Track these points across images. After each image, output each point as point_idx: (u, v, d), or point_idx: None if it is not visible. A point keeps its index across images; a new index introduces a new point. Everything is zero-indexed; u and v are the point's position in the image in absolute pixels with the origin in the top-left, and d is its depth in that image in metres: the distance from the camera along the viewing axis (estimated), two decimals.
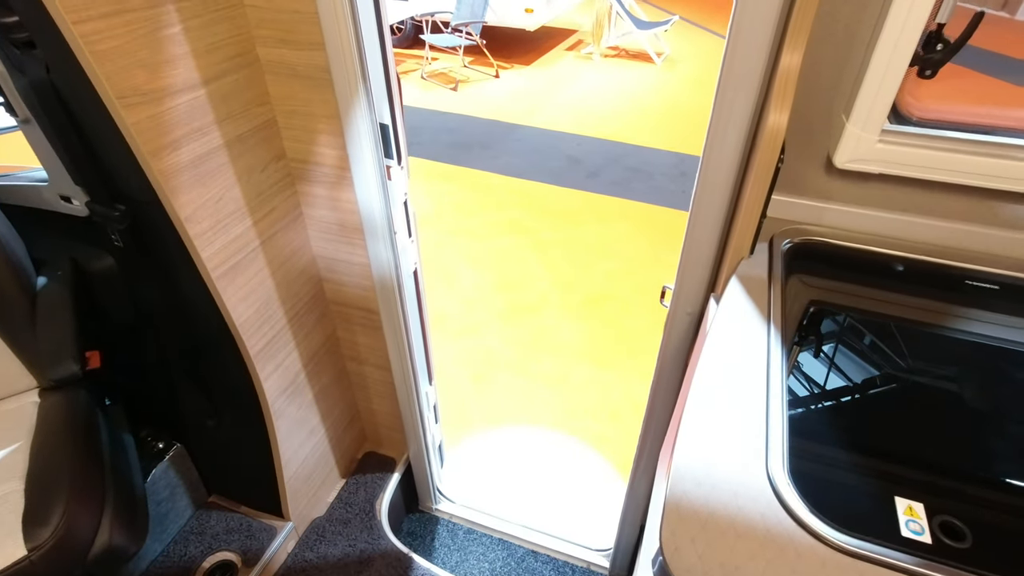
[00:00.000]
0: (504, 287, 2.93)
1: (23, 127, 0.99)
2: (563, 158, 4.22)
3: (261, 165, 1.12)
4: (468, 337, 2.61)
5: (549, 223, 3.46)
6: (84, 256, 1.22)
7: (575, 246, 3.24)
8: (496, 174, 4.01)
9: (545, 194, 3.77)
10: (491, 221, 3.49)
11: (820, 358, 0.81)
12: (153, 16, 0.85)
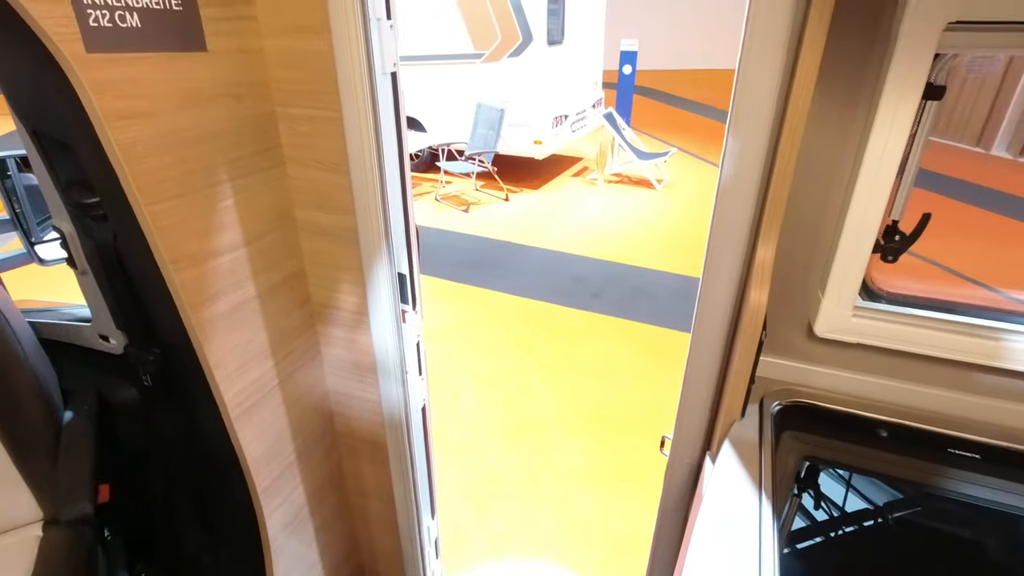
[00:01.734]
0: (506, 406, 2.94)
1: (80, 277, 1.10)
2: (568, 278, 4.39)
3: (287, 311, 1.21)
4: (469, 456, 2.58)
5: (553, 342, 3.54)
6: (109, 387, 1.29)
7: (578, 365, 3.29)
8: (503, 293, 4.16)
9: (550, 313, 3.88)
10: (496, 339, 3.57)
11: (808, 518, 0.83)
12: (212, 194, 0.98)
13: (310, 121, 1.07)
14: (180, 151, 0.91)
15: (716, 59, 14.37)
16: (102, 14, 0.77)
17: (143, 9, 0.82)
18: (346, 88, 1.00)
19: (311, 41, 0.99)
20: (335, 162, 1.09)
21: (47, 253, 1.49)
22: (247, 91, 1.02)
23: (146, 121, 0.85)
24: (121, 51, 0.80)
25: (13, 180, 1.42)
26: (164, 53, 0.86)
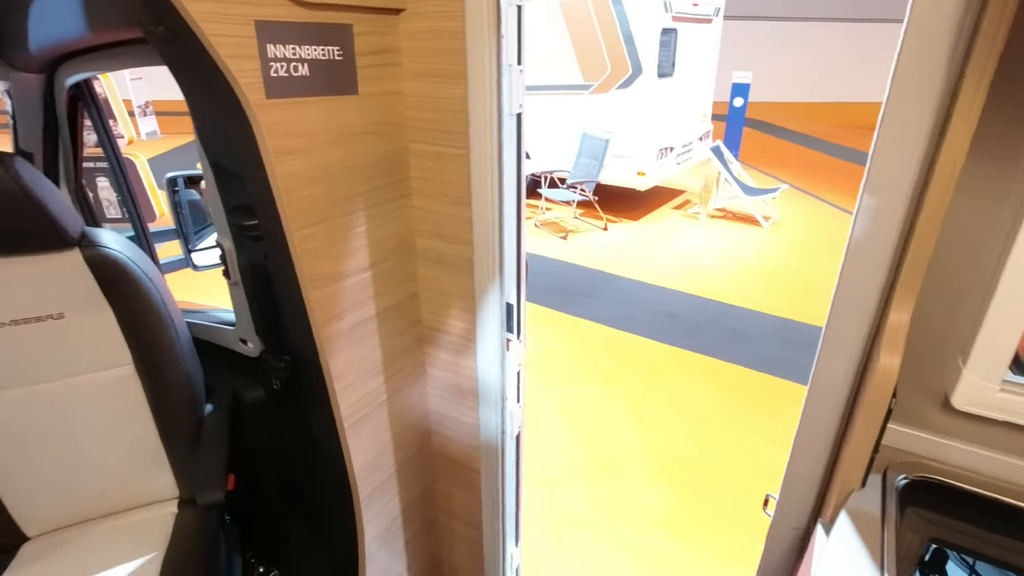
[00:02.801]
0: (589, 438, 2.90)
1: (231, 287, 1.24)
2: (661, 312, 4.28)
3: (400, 331, 1.29)
4: (548, 486, 2.57)
5: (641, 377, 3.46)
6: (241, 387, 1.43)
7: (665, 403, 3.19)
8: (594, 323, 4.13)
9: (640, 347, 3.80)
10: (584, 369, 3.54)
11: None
12: (347, 221, 1.08)
13: (439, 157, 1.15)
14: (327, 182, 1.02)
15: (832, 92, 13.57)
16: (280, 66, 0.88)
17: (312, 60, 0.93)
18: (476, 128, 1.07)
19: (447, 86, 1.07)
20: (458, 195, 1.15)
21: (200, 260, 1.69)
22: (386, 129, 1.12)
23: (303, 156, 0.96)
24: (291, 96, 0.91)
25: (180, 195, 1.64)
26: (324, 97, 0.97)
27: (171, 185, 1.61)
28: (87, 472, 1.31)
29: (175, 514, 1.34)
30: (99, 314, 1.23)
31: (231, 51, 0.82)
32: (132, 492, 1.36)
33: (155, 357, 1.27)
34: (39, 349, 1.22)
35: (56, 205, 1.12)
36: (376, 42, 1.04)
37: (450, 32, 1.02)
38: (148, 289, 1.24)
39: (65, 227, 1.14)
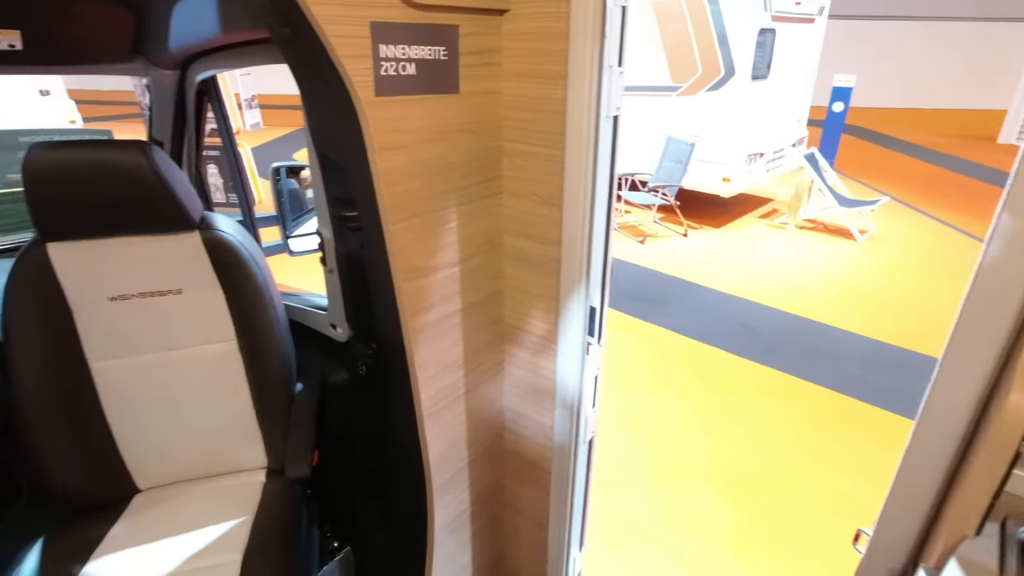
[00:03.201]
0: (654, 447, 2.83)
1: (327, 273, 1.30)
2: (738, 325, 4.11)
3: (482, 327, 1.31)
4: (609, 491, 2.53)
5: (714, 390, 3.33)
6: (329, 369, 1.50)
7: (738, 419, 3.05)
8: (669, 331, 4.03)
9: (715, 359, 3.67)
10: (655, 377, 3.46)
11: None
12: (439, 217, 1.10)
13: (532, 157, 1.15)
14: (425, 178, 1.05)
15: (945, 98, 12.45)
16: (390, 65, 0.92)
17: (419, 60, 0.96)
18: (572, 130, 1.06)
19: (546, 86, 1.07)
20: (549, 196, 1.15)
21: (296, 246, 1.79)
22: (482, 128, 1.14)
23: (404, 152, 0.99)
24: (398, 94, 0.94)
25: (282, 184, 1.74)
26: (427, 95, 1.00)
27: (275, 174, 1.71)
28: (190, 436, 1.43)
29: (263, 483, 1.43)
30: (211, 292, 1.34)
31: (347, 51, 0.86)
32: (227, 458, 1.47)
33: (256, 335, 1.37)
34: (160, 321, 1.34)
35: (183, 190, 1.22)
36: (479, 42, 1.06)
37: (553, 33, 1.02)
38: (255, 272, 1.33)
39: (189, 211, 1.25)
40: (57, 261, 1.24)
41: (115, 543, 1.26)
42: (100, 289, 1.29)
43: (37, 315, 1.24)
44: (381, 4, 0.88)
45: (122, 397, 1.36)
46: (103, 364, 1.33)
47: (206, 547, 1.26)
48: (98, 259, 1.28)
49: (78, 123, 7.46)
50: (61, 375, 1.28)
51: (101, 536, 1.28)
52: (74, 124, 7.35)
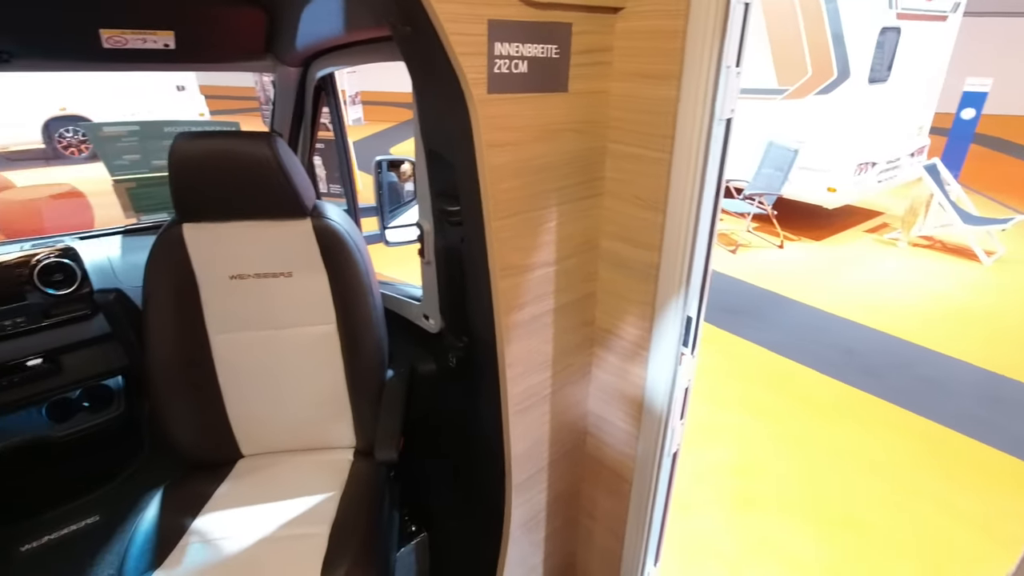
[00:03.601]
0: (736, 470, 2.70)
1: (424, 265, 1.34)
2: (836, 346, 3.83)
3: (573, 328, 1.30)
4: (685, 512, 2.44)
5: (803, 413, 3.12)
6: (417, 358, 1.55)
7: (829, 448, 2.84)
8: (757, 346, 3.83)
9: (806, 380, 3.44)
10: (739, 394, 3.30)
11: None
12: (537, 216, 1.10)
13: (637, 159, 1.12)
14: (527, 176, 1.05)
15: None
16: (503, 63, 0.92)
17: (532, 58, 0.96)
18: (682, 132, 1.03)
19: (657, 87, 1.04)
20: (653, 200, 1.12)
21: (392, 237, 1.86)
22: (587, 127, 1.12)
23: (510, 149, 1.00)
24: (509, 92, 0.95)
25: (383, 177, 1.81)
26: (536, 94, 1.00)
27: (377, 167, 1.79)
28: (289, 410, 1.52)
29: (351, 461, 1.50)
30: (317, 277, 1.42)
31: (465, 48, 0.87)
32: (319, 435, 1.55)
33: (354, 320, 1.43)
34: (271, 300, 1.43)
35: (300, 180, 1.31)
36: (591, 41, 1.05)
37: (669, 31, 0.99)
38: (357, 260, 1.40)
39: (303, 199, 1.33)
40: (190, 240, 1.37)
41: (221, 501, 1.37)
42: (223, 268, 1.41)
43: (171, 289, 1.37)
44: (499, 2, 0.89)
45: (234, 369, 1.47)
46: (220, 337, 1.45)
47: (298, 516, 1.33)
48: (223, 240, 1.39)
49: (206, 115, 8.24)
50: (186, 344, 1.41)
51: (210, 493, 1.39)
52: (202, 116, 8.14)
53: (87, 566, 1.74)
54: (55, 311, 1.61)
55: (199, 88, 8.28)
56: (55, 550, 1.79)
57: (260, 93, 8.09)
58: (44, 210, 4.74)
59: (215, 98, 10.53)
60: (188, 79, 7.97)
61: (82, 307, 1.65)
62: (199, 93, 8.26)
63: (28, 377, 1.62)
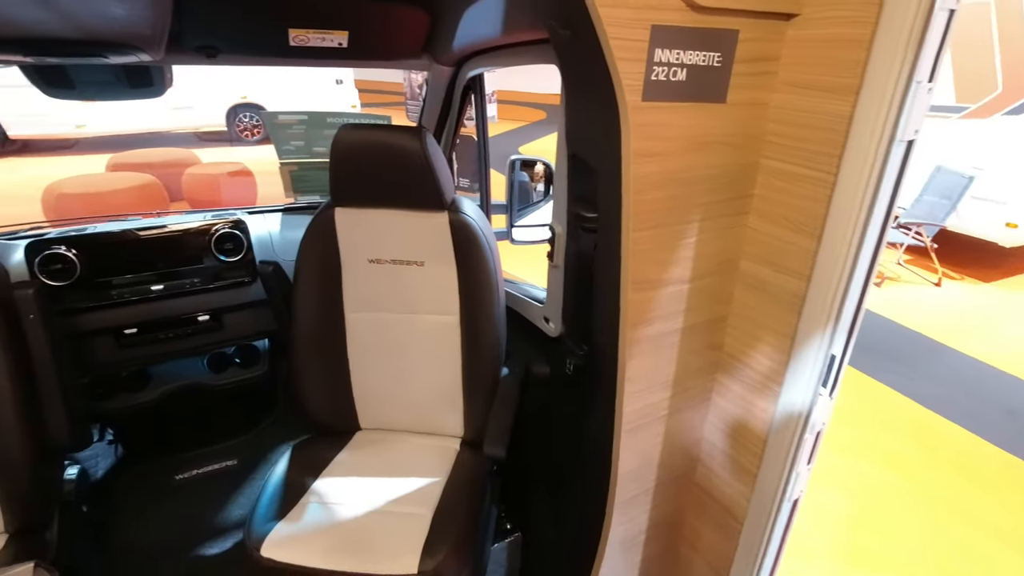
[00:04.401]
0: (854, 521, 2.42)
1: (551, 268, 1.34)
2: (994, 404, 3.31)
3: (698, 350, 1.24)
4: (791, 557, 2.23)
5: (943, 472, 2.73)
6: (533, 359, 1.56)
7: (965, 513, 2.46)
8: (899, 393, 3.41)
9: (952, 437, 3.01)
10: (871, 441, 2.96)
11: None
12: (679, 231, 1.06)
13: (793, 178, 1.04)
14: (672, 189, 1.01)
15: None
16: (662, 70, 0.89)
17: (691, 66, 0.92)
18: (854, 152, 0.93)
19: (829, 100, 0.95)
20: (806, 223, 1.03)
21: (519, 235, 1.88)
22: (742, 141, 1.06)
23: (658, 160, 0.97)
24: (663, 100, 0.92)
25: (514, 175, 1.84)
26: (692, 103, 0.96)
27: (511, 167, 1.82)
28: (405, 392, 1.60)
29: (457, 451, 1.55)
30: (447, 269, 1.48)
31: (624, 54, 0.86)
32: (431, 420, 1.61)
33: (477, 315, 1.47)
34: (402, 286, 1.52)
35: (443, 174, 1.37)
36: (756, 49, 0.99)
37: (852, 40, 0.90)
38: (487, 257, 1.44)
39: (444, 193, 1.39)
40: (340, 223, 1.49)
41: (339, 468, 1.48)
42: (364, 251, 1.51)
43: (319, 266, 1.50)
44: (664, 7, 0.86)
45: (362, 346, 1.58)
46: (354, 315, 1.56)
47: (404, 495, 1.40)
48: (367, 225, 1.50)
49: (357, 107, 8.98)
50: (325, 318, 1.53)
51: (330, 459, 1.50)
52: (354, 108, 8.88)
53: (224, 503, 1.97)
54: (224, 275, 1.83)
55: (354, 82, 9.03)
56: (200, 484, 2.04)
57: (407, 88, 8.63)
58: (221, 184, 5.42)
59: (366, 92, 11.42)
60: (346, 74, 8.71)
61: (245, 274, 1.85)
62: (353, 87, 9.01)
63: (198, 330, 1.86)
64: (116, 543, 1.80)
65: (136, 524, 1.87)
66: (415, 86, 8.27)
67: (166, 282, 1.77)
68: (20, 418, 1.26)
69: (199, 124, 8.64)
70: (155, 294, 1.76)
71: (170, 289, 1.78)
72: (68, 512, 1.42)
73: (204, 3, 1.29)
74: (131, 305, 1.74)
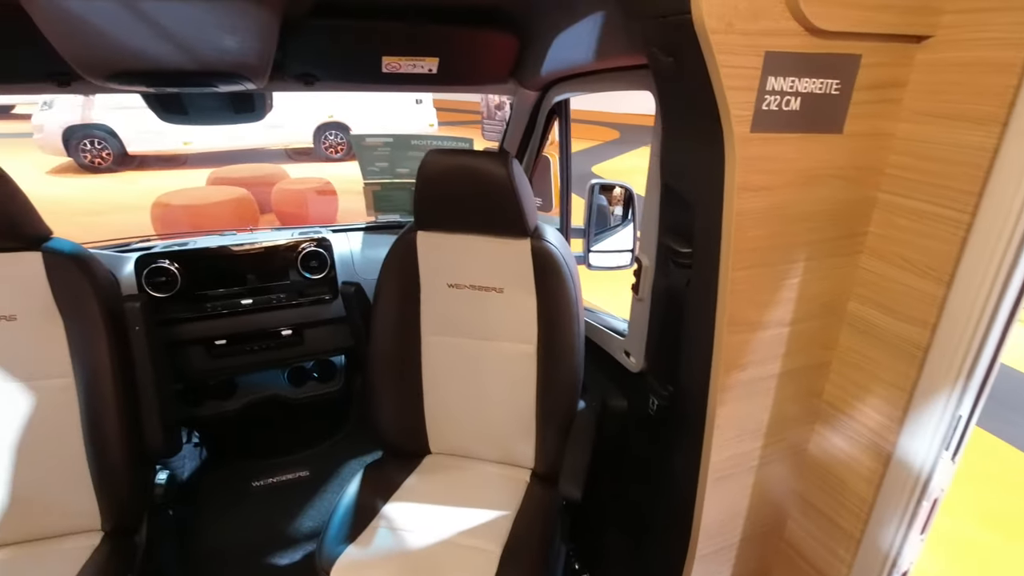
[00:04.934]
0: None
1: (635, 301, 1.28)
2: None
3: (795, 398, 1.13)
4: None
5: None
6: (610, 394, 1.49)
7: None
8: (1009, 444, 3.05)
9: None
10: (979, 501, 2.64)
11: None
12: (782, 270, 0.98)
13: (918, 216, 0.94)
14: (775, 226, 0.93)
15: None
16: (774, 99, 0.83)
17: (806, 94, 0.85)
18: (998, 189, 0.82)
19: (966, 131, 0.85)
20: (932, 267, 0.93)
21: (596, 260, 1.83)
22: (857, 175, 0.97)
23: (762, 194, 0.90)
24: (774, 131, 0.85)
25: (594, 199, 1.80)
26: (804, 134, 0.88)
27: (590, 191, 1.78)
28: (477, 419, 1.57)
29: (528, 483, 1.50)
30: (527, 297, 1.45)
31: (734, 82, 0.80)
32: (502, 449, 1.58)
33: (555, 346, 1.43)
34: (480, 312, 1.50)
35: (527, 201, 1.35)
36: (880, 75, 0.90)
37: (999, 64, 0.80)
38: (568, 287, 1.40)
39: (527, 220, 1.37)
40: (421, 247, 1.50)
41: (408, 493, 1.47)
42: (444, 275, 1.51)
43: (399, 288, 1.52)
44: (780, 32, 0.80)
45: (436, 369, 1.57)
46: (431, 338, 1.56)
47: (473, 527, 1.36)
48: (448, 249, 1.50)
49: (435, 126, 9.26)
50: (402, 339, 1.54)
51: (400, 482, 1.50)
52: (432, 127, 9.15)
53: (296, 513, 2.01)
54: (307, 291, 1.89)
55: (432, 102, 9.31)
56: (274, 492, 2.10)
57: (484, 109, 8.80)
58: (306, 199, 5.72)
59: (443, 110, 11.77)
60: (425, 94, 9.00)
61: (327, 291, 1.91)
62: (432, 106, 9.29)
63: (281, 344, 1.93)
64: (197, 545, 1.88)
65: (216, 527, 1.95)
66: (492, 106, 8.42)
67: (255, 296, 1.85)
68: (122, 425, 1.33)
69: (289, 141, 9.19)
70: (244, 308, 1.84)
71: (258, 303, 1.85)
72: (157, 515, 1.49)
73: (305, 35, 1.35)
74: (223, 317, 1.83)
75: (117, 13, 1.02)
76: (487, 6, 1.39)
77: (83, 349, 1.31)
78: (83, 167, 8.26)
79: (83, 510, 1.35)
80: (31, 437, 1.32)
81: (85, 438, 1.33)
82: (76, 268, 1.31)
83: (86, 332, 1.31)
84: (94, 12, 1.01)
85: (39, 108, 8.08)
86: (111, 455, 1.33)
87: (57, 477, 1.33)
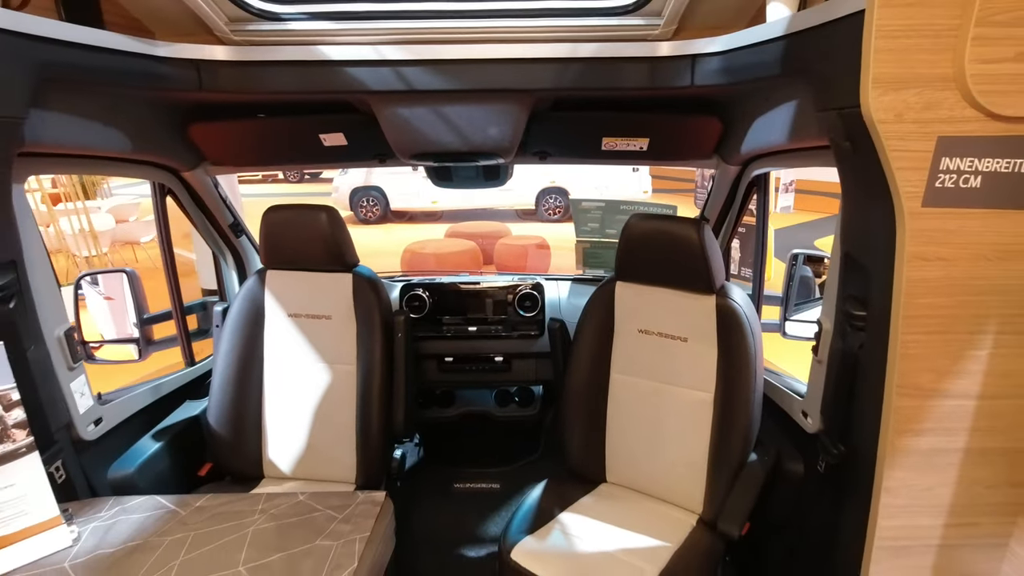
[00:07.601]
0: None
1: (815, 363, 1.34)
2: None
3: (993, 482, 1.08)
4: None
5: None
6: (785, 454, 1.52)
7: None
8: None
9: None
10: None
11: None
12: (966, 340, 0.99)
13: None
14: (958, 296, 0.97)
15: None
16: (949, 177, 0.91)
17: (989, 173, 0.90)
18: None
19: None
20: None
21: (791, 330, 1.85)
22: None
23: (941, 265, 0.95)
24: (950, 207, 0.92)
25: (796, 269, 1.84)
26: (987, 209, 0.93)
27: (792, 259, 1.84)
28: (652, 457, 1.71)
29: (693, 526, 1.58)
30: (708, 348, 1.59)
31: (903, 164, 0.90)
32: (672, 489, 1.69)
33: (732, 397, 1.53)
34: (664, 358, 1.69)
35: (715, 262, 1.52)
36: None
37: None
38: (749, 343, 1.50)
39: (714, 279, 1.53)
40: (619, 295, 1.74)
41: (583, 508, 1.66)
42: (636, 322, 1.73)
43: (597, 329, 1.78)
44: (956, 119, 0.89)
45: (621, 406, 1.77)
46: (618, 376, 1.77)
47: (635, 548, 1.50)
48: (642, 299, 1.72)
49: (648, 192, 9.67)
50: (593, 376, 1.78)
51: (577, 498, 1.70)
52: (645, 193, 9.58)
53: (484, 519, 2.34)
54: (519, 327, 2.28)
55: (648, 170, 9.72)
56: (470, 497, 2.46)
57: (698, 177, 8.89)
58: (525, 253, 6.51)
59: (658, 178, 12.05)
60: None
61: (535, 328, 2.27)
62: (647, 174, 9.71)
63: (494, 368, 2.34)
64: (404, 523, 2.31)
65: (426, 515, 2.37)
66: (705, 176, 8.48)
67: (478, 325, 2.29)
68: (382, 406, 1.79)
69: (515, 203, 10.40)
70: (469, 334, 2.28)
71: (480, 332, 2.28)
72: (391, 482, 1.92)
73: (544, 123, 1.74)
74: (454, 339, 2.30)
75: (429, 115, 1.52)
76: (698, 96, 1.63)
77: (367, 346, 1.81)
78: (359, 220, 10.43)
79: (346, 464, 1.82)
80: (326, 404, 1.85)
81: (357, 411, 1.81)
82: (371, 289, 1.83)
83: (370, 334, 1.81)
84: (415, 115, 1.52)
85: (339, 173, 10.49)
86: (371, 427, 1.78)
87: (335, 436, 1.83)
